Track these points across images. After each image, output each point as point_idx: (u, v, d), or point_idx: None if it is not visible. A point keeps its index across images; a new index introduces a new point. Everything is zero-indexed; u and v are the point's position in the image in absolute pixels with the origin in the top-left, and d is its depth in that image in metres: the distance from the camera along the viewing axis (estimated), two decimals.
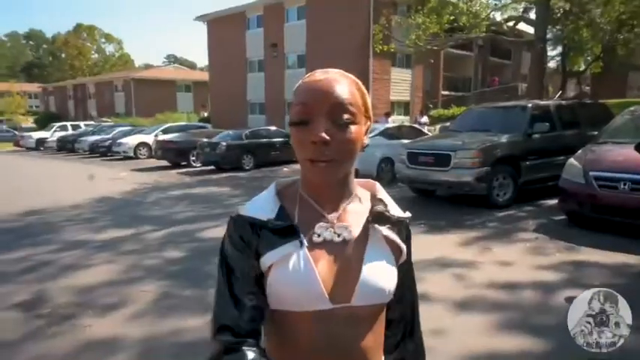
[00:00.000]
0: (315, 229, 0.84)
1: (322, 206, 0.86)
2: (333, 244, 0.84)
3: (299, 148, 0.81)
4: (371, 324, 0.85)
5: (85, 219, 7.49)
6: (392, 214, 0.89)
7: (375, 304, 0.84)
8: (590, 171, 5.44)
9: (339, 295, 0.81)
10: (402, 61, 22.60)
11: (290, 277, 0.80)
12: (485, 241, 5.35)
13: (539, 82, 14.00)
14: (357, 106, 0.82)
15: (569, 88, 28.09)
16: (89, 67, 63.90)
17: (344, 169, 0.83)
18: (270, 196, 0.89)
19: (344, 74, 0.85)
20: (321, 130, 0.77)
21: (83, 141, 21.68)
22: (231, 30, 26.39)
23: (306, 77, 0.85)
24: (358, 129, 0.82)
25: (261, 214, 0.85)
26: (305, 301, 0.81)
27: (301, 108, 0.80)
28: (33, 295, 4.08)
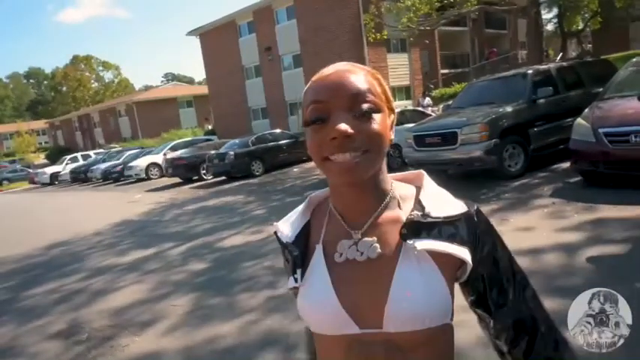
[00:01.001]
0: (337, 248, 0.77)
1: (350, 219, 0.78)
2: (358, 263, 0.75)
3: (318, 149, 0.72)
4: (426, 353, 0.74)
5: (108, 244, 7.65)
6: (434, 217, 0.74)
7: (420, 330, 0.72)
8: (599, 128, 5.39)
9: (369, 319, 0.73)
10: (397, 46, 22.49)
11: (311, 301, 0.77)
12: (502, 212, 5.35)
13: (538, 48, 13.82)
14: (377, 95, 0.74)
15: (571, 49, 27.67)
16: (91, 97, 64.79)
17: (372, 164, 0.72)
18: (299, 213, 0.85)
19: (355, 65, 0.78)
20: (342, 125, 0.68)
21: (95, 169, 22.05)
22: (224, 40, 26.54)
23: (314, 77, 0.78)
24: (383, 118, 0.73)
25: (285, 234, 0.83)
26: (328, 324, 0.76)
27: (316, 106, 0.72)
28: (69, 324, 4.20)
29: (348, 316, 0.73)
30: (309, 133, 0.73)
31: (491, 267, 0.79)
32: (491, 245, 0.79)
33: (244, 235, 6.39)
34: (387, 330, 0.72)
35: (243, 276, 4.60)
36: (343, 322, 0.74)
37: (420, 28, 15.60)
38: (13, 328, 4.35)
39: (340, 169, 0.70)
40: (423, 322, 0.71)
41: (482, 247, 0.76)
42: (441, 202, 0.77)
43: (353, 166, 0.70)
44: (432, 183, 0.82)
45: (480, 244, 0.76)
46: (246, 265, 4.89)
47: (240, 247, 5.77)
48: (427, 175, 0.83)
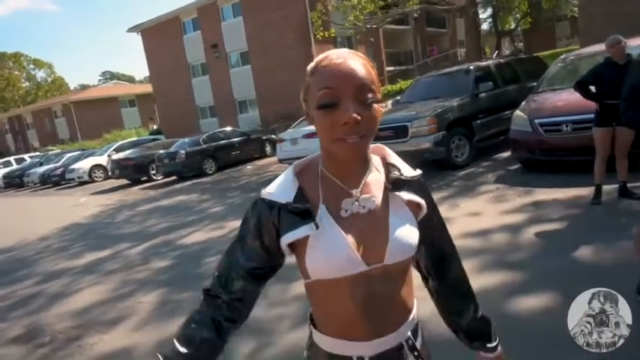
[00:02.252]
0: (342, 205, 0.91)
1: (345, 182, 0.93)
2: (360, 215, 0.92)
3: (328, 130, 0.85)
4: (402, 277, 0.95)
5: (57, 248, 7.34)
6: (406, 176, 0.96)
7: (403, 260, 0.93)
8: (535, 119, 5.88)
9: (373, 257, 0.90)
10: (344, 44, 22.85)
11: (324, 248, 0.88)
12: (452, 199, 5.72)
13: (476, 45, 14.63)
14: (376, 85, 0.87)
15: (504, 47, 29.38)
16: (22, 97, 60.57)
17: (369, 144, 0.91)
18: (289, 178, 0.95)
19: (357, 54, 0.90)
20: (352, 111, 0.81)
21: (32, 173, 20.79)
22: (167, 37, 25.79)
23: (321, 60, 0.88)
24: (379, 106, 0.88)
25: (281, 197, 0.92)
26: (343, 267, 0.88)
27: (328, 92, 0.84)
28: (27, 328, 4.07)
29: (359, 257, 0.89)
30: (319, 115, 0.86)
31: (429, 216, 1.02)
32: (429, 201, 1.02)
33: (205, 232, 6.37)
34: (386, 263, 0.90)
35: (209, 270, 4.63)
36: (355, 263, 0.89)
37: (366, 26, 16.01)
38: None
39: (350, 149, 0.85)
40: (409, 252, 0.93)
41: (427, 200, 1.01)
42: (405, 166, 0.99)
43: (358, 147, 0.86)
44: (393, 152, 1.02)
45: (426, 198, 1.00)
46: (211, 260, 4.91)
47: (203, 244, 5.77)
48: (386, 147, 1.03)
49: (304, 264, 0.91)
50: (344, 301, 0.91)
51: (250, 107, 23.79)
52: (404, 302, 0.97)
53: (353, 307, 0.91)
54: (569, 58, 7.06)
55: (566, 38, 27.69)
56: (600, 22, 9.14)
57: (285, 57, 20.67)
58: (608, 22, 8.36)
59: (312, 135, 9.98)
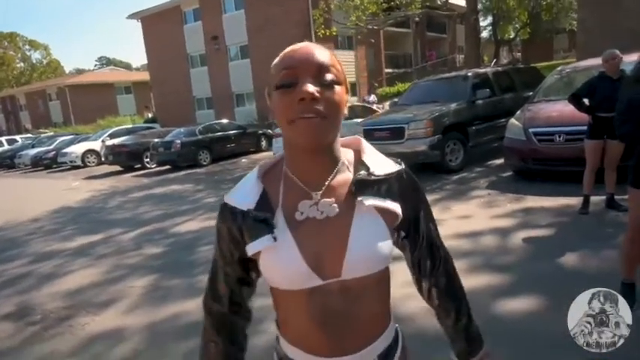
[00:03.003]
0: (299, 207, 0.84)
1: (307, 182, 0.85)
2: (318, 221, 0.84)
3: (285, 110, 0.79)
4: (369, 294, 0.86)
5: (49, 230, 7.33)
6: (377, 175, 0.86)
7: (367, 276, 0.84)
8: (529, 128, 6.00)
9: (328, 270, 0.82)
10: (345, 43, 22.95)
11: (276, 260, 0.83)
12: (444, 202, 5.81)
13: (475, 52, 14.76)
14: (339, 72, 0.83)
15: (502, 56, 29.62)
16: (15, 78, 59.83)
17: (331, 129, 0.81)
18: (253, 181, 0.89)
19: (320, 46, 0.86)
20: (309, 87, 0.77)
21: (24, 155, 20.61)
22: (167, 26, 25.66)
23: (284, 51, 0.85)
24: (342, 90, 0.82)
25: (242, 203, 0.86)
26: (294, 280, 0.83)
27: (287, 72, 0.80)
28: (18, 306, 4.09)
29: (311, 271, 0.82)
30: (277, 96, 0.80)
31: (415, 213, 0.93)
32: (415, 198, 0.93)
33: (199, 222, 6.42)
34: (344, 278, 0.82)
35: (202, 259, 4.68)
36: (307, 277, 0.82)
37: (367, 27, 16.09)
38: None
39: (307, 129, 0.77)
40: (374, 266, 0.84)
41: (408, 199, 0.91)
42: (379, 162, 0.89)
43: (316, 127, 0.78)
44: (370, 146, 0.93)
45: (407, 197, 0.90)
46: (204, 249, 4.96)
47: (197, 232, 5.81)
48: (364, 139, 0.94)
49: (250, 272, 0.89)
50: (300, 313, 0.86)
51: (247, 101, 23.76)
52: (372, 321, 0.89)
53: (310, 322, 0.85)
54: (565, 70, 7.19)
55: (564, 51, 28.04)
56: (598, 37, 9.30)
57: None
58: (605, 37, 8.50)
59: None
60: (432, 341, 2.68)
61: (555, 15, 22.74)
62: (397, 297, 3.23)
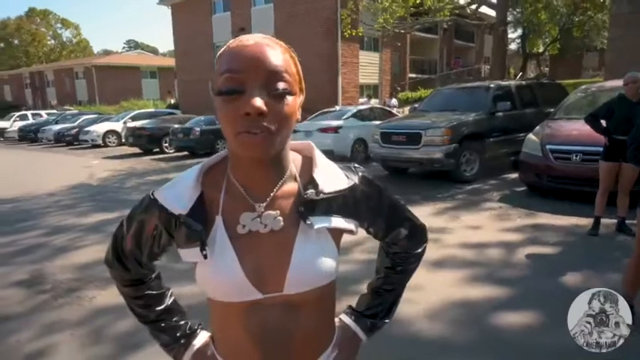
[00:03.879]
0: (240, 219, 0.78)
1: (251, 191, 0.79)
2: (261, 234, 0.78)
3: (228, 121, 0.71)
4: (312, 310, 0.83)
5: (65, 205, 7.52)
6: (327, 192, 0.80)
7: (313, 289, 0.80)
8: (546, 144, 5.97)
9: (270, 284, 0.78)
10: (370, 45, 22.93)
11: (214, 272, 0.78)
12: (455, 211, 5.82)
13: (501, 64, 14.64)
14: (292, 75, 0.75)
15: (529, 69, 29.25)
16: (45, 54, 61.18)
17: (279, 143, 0.74)
18: (190, 182, 0.81)
19: (274, 40, 0.76)
20: (257, 101, 0.69)
21: (47, 130, 21.08)
22: (196, 14, 25.96)
23: (231, 43, 0.75)
24: (294, 100, 0.75)
25: (175, 206, 0.79)
26: (232, 293, 0.78)
27: (231, 76, 0.71)
28: (31, 275, 4.23)
29: (251, 284, 0.77)
30: (220, 102, 0.72)
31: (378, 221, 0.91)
32: (375, 208, 0.89)
33: None
34: (287, 293, 0.78)
35: None
36: (247, 290, 0.77)
37: (394, 30, 16.06)
38: None
39: (252, 145, 0.71)
40: (317, 281, 0.80)
41: (366, 211, 0.87)
42: (330, 176, 0.83)
43: (262, 143, 0.71)
44: (322, 156, 0.86)
45: (363, 208, 0.86)
46: None
47: None
48: (316, 148, 0.88)
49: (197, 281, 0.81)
50: (237, 328, 0.81)
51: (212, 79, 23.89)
52: (313, 338, 0.85)
53: (246, 337, 0.80)
54: (590, 89, 7.11)
55: (593, 69, 27.51)
56: (627, 58, 9.14)
57: (309, 50, 20.72)
58: (634, 59, 8.37)
59: (327, 129, 10.11)
60: (427, 345, 2.73)
61: (587, 32, 22.36)
62: None
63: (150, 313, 0.98)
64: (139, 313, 1.00)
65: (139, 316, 1.00)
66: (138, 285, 0.98)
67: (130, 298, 1.00)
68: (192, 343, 0.96)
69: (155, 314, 0.98)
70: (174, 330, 0.98)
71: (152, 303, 0.99)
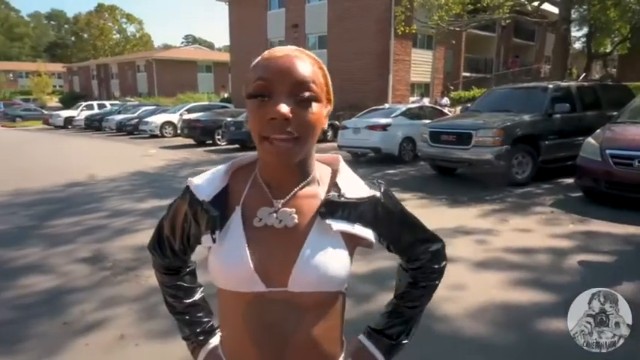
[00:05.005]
0: (258, 213, 0.83)
1: (273, 190, 0.84)
2: (275, 229, 0.82)
3: (256, 125, 0.76)
4: (315, 316, 0.83)
5: (125, 190, 8.02)
6: (348, 197, 0.83)
7: (319, 292, 0.81)
8: (606, 149, 5.69)
9: (275, 278, 0.80)
10: (423, 42, 22.55)
11: (223, 258, 0.82)
12: (503, 214, 5.69)
13: (562, 64, 13.97)
14: (319, 85, 0.79)
15: (595, 70, 27.65)
16: (111, 48, 64.76)
17: (303, 149, 0.78)
18: (219, 174, 0.88)
19: (305, 52, 0.81)
20: (282, 107, 0.73)
21: (110, 120, 22.37)
22: (252, 10, 26.55)
23: (265, 54, 0.81)
24: (319, 108, 0.79)
25: (201, 192, 0.86)
26: (237, 281, 0.81)
27: (261, 83, 0.76)
28: (93, 253, 4.59)
29: (257, 275, 0.80)
30: (250, 106, 0.78)
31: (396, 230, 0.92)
32: (393, 223, 0.91)
33: None
34: (291, 289, 0.80)
35: None
36: (251, 281, 0.80)
37: (449, 28, 15.72)
38: (40, 250, 4.73)
39: (276, 151, 0.75)
40: (324, 285, 0.80)
41: (384, 224, 0.88)
42: (353, 185, 0.86)
43: (285, 150, 0.75)
44: (347, 167, 0.90)
45: (384, 222, 0.88)
46: None
47: None
48: (343, 160, 0.92)
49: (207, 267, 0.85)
50: (238, 321, 0.83)
51: None
52: (314, 347, 0.84)
53: (245, 332, 0.82)
54: None
55: None
56: None
57: (362, 47, 20.73)
58: None
59: (376, 127, 10.10)
60: (467, 343, 2.74)
61: None
62: (436, 298, 3.31)
63: (178, 304, 1.04)
64: (169, 302, 1.06)
65: (168, 305, 1.06)
66: (172, 274, 1.04)
67: (164, 286, 1.06)
68: (210, 341, 1.01)
69: (182, 306, 1.03)
70: (197, 325, 1.03)
71: (181, 295, 1.04)
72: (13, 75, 64.75)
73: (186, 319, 1.04)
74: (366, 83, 20.02)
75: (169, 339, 2.85)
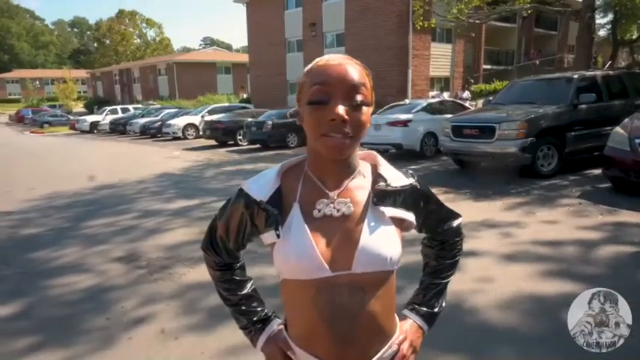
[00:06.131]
0: (316, 205, 0.92)
1: (326, 184, 0.93)
2: (334, 218, 0.91)
3: (315, 126, 0.87)
4: (377, 292, 0.91)
5: (153, 192, 8.24)
6: (394, 186, 0.95)
7: (378, 272, 0.90)
8: (635, 138, 5.59)
9: (340, 262, 0.88)
10: (442, 36, 22.33)
11: (290, 249, 0.89)
12: (529, 206, 5.65)
13: (587, 53, 13.67)
14: (367, 89, 0.89)
15: (621, 58, 26.85)
16: (132, 52, 66.08)
17: (354, 146, 0.89)
18: (271, 176, 0.97)
19: (353, 59, 0.92)
20: (340, 109, 0.84)
21: (134, 123, 22.89)
22: (270, 10, 26.74)
23: (319, 61, 0.91)
24: (368, 110, 0.89)
25: (257, 193, 0.94)
26: (305, 269, 0.88)
27: (320, 88, 0.86)
28: (128, 252, 4.76)
29: (323, 261, 0.88)
30: (309, 110, 0.88)
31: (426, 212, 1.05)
32: (426, 206, 1.04)
33: None
34: (354, 271, 0.89)
35: None
36: (318, 267, 0.88)
37: (469, 21, 15.53)
38: (78, 250, 4.93)
39: (333, 146, 0.86)
40: (383, 264, 0.90)
41: (419, 205, 1.01)
42: (394, 175, 0.98)
43: (341, 146, 0.86)
44: (385, 160, 1.02)
45: (419, 204, 1.01)
46: None
47: None
48: (379, 155, 1.03)
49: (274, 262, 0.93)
50: (307, 306, 0.90)
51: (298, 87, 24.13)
52: (376, 322, 0.93)
53: (316, 314, 0.90)
54: None
55: None
56: None
57: (380, 43, 20.65)
58: None
59: (396, 123, 10.10)
60: (497, 334, 2.77)
61: None
62: (465, 290, 3.34)
63: (233, 296, 1.12)
64: (224, 295, 1.14)
65: (223, 298, 1.15)
66: (225, 270, 1.12)
67: (218, 281, 1.14)
68: (267, 328, 1.09)
69: (237, 298, 1.12)
70: (252, 314, 1.11)
71: (235, 288, 1.12)
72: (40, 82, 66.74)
73: (242, 309, 1.12)
74: (385, 79, 19.94)
75: (206, 332, 2.98)
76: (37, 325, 3.23)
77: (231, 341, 2.84)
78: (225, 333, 2.95)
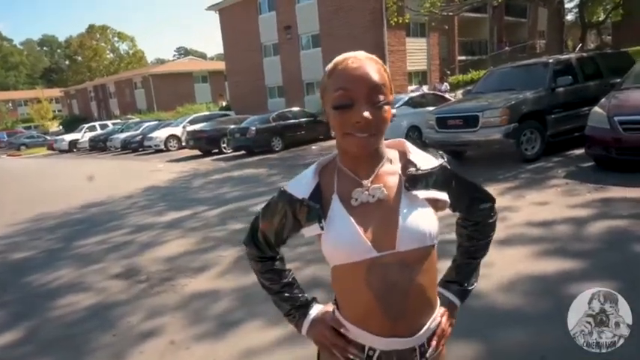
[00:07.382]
0: (352, 194, 0.99)
1: (358, 174, 1.01)
2: (370, 204, 0.99)
3: (341, 126, 0.94)
4: (422, 267, 0.98)
5: (142, 206, 8.17)
6: (424, 170, 1.01)
7: (420, 248, 0.97)
8: (614, 116, 5.75)
9: (384, 243, 0.95)
10: (417, 31, 22.58)
11: (336, 236, 0.97)
12: (518, 190, 5.77)
13: (558, 37, 13.97)
14: (387, 87, 0.96)
15: (590, 40, 27.47)
16: (105, 67, 65.11)
17: (379, 141, 0.99)
18: (309, 175, 1.05)
19: (371, 57, 0.98)
20: (364, 112, 0.91)
21: (115, 139, 22.60)
22: (243, 16, 26.68)
23: (339, 63, 0.96)
24: (389, 107, 0.96)
25: (298, 193, 1.02)
26: (352, 252, 0.96)
27: (343, 93, 0.93)
28: (126, 268, 4.72)
29: (369, 243, 0.96)
30: (334, 114, 0.95)
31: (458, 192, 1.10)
32: (457, 184, 1.10)
33: None
34: (398, 250, 0.96)
35: None
36: (365, 249, 0.96)
37: (442, 13, 15.74)
38: (73, 270, 4.87)
39: (359, 144, 0.94)
40: (424, 240, 0.97)
41: (451, 184, 1.07)
42: (423, 159, 1.04)
43: (366, 143, 0.94)
44: (413, 146, 1.08)
45: (450, 183, 1.07)
46: None
47: None
48: (407, 142, 1.09)
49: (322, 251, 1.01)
50: (360, 287, 0.97)
51: (317, 89, 24.15)
52: (424, 295, 1.00)
53: (369, 294, 0.96)
54: None
55: None
56: None
57: (355, 41, 20.65)
58: None
59: None
60: (503, 316, 2.84)
61: None
62: None
63: (274, 285, 1.18)
64: (266, 285, 1.20)
65: (266, 288, 1.20)
66: (266, 261, 1.18)
67: (260, 272, 1.20)
68: (309, 312, 1.14)
69: (279, 286, 1.17)
70: (294, 301, 1.16)
71: (276, 277, 1.18)
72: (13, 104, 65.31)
73: (285, 295, 1.17)
74: None
75: (217, 340, 2.98)
76: (42, 348, 3.20)
77: (243, 347, 2.85)
78: (235, 339, 2.96)
